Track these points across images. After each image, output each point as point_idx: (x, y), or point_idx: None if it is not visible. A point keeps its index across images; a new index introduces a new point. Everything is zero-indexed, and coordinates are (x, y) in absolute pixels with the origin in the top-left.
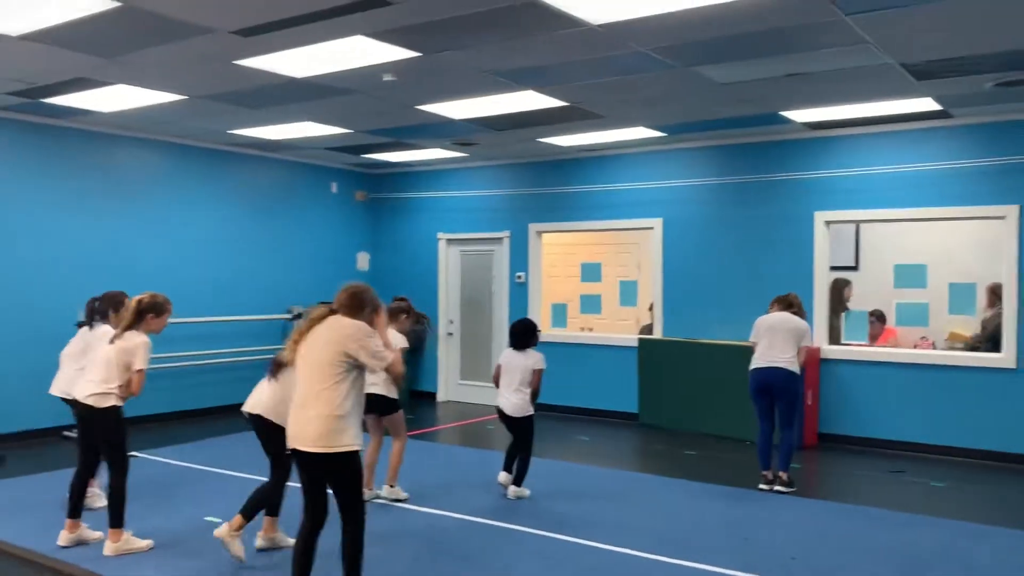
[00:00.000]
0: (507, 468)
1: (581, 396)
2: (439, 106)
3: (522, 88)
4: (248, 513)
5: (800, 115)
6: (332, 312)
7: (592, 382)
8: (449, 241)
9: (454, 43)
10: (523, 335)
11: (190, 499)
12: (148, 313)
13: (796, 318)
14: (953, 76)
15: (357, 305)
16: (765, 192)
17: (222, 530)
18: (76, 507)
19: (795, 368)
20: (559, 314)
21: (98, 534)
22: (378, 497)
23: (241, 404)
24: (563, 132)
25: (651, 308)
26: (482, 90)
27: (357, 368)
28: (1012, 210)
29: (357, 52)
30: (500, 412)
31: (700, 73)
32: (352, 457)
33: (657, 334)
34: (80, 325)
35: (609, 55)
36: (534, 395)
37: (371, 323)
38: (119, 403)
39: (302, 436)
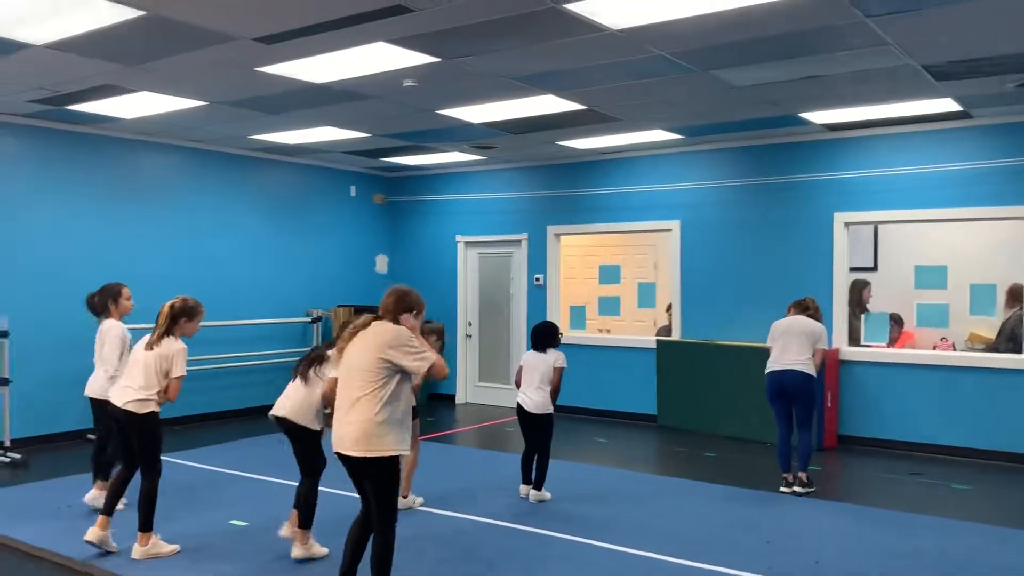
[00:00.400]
0: (527, 480)
1: (599, 398)
2: (458, 110)
3: (541, 92)
4: (305, 522)
5: (819, 116)
6: (377, 318)
7: (610, 384)
8: (468, 243)
9: (475, 48)
10: (545, 337)
11: (214, 503)
12: (181, 317)
13: (811, 321)
14: (974, 77)
15: (402, 308)
16: (784, 193)
17: (296, 552)
18: (112, 505)
19: (810, 370)
20: (578, 316)
21: (116, 547)
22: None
23: (261, 407)
24: (580, 135)
25: (668, 309)
26: (501, 95)
27: (399, 373)
28: None
29: (378, 58)
30: (520, 410)
31: (717, 76)
32: (390, 462)
33: (675, 336)
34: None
35: (628, 59)
36: (554, 393)
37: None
38: (157, 409)
39: (343, 440)
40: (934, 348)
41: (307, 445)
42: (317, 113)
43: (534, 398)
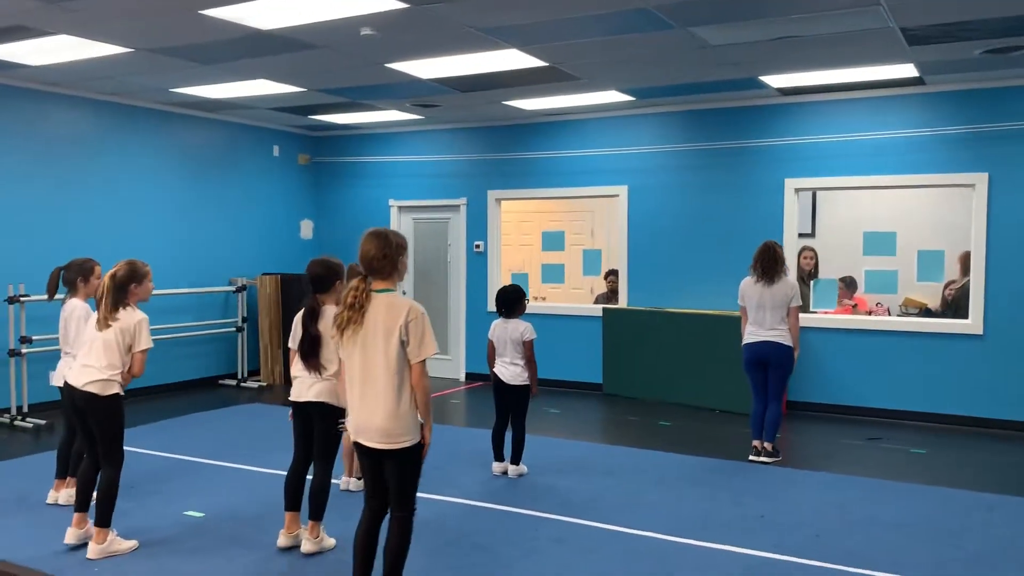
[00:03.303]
0: (499, 457)
1: (544, 367)
2: (410, 64)
3: (505, 46)
4: (318, 513)
5: (776, 80)
6: (363, 278)
7: (555, 353)
8: (401, 208)
9: None
10: (510, 302)
11: (160, 492)
12: (130, 283)
13: (782, 285)
14: (946, 42)
15: (391, 264)
16: (734, 159)
17: (307, 547)
18: (85, 500)
19: (788, 340)
20: (520, 284)
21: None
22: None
23: (184, 383)
24: (531, 95)
25: (606, 277)
26: (463, 47)
27: None
28: (982, 178)
29: (338, 2)
30: (497, 381)
31: (694, 34)
32: (417, 450)
33: (622, 303)
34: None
35: (608, 12)
36: (532, 367)
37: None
38: (121, 391)
39: (367, 431)
40: (869, 313)
41: (330, 423)
42: (255, 64)
43: (511, 369)
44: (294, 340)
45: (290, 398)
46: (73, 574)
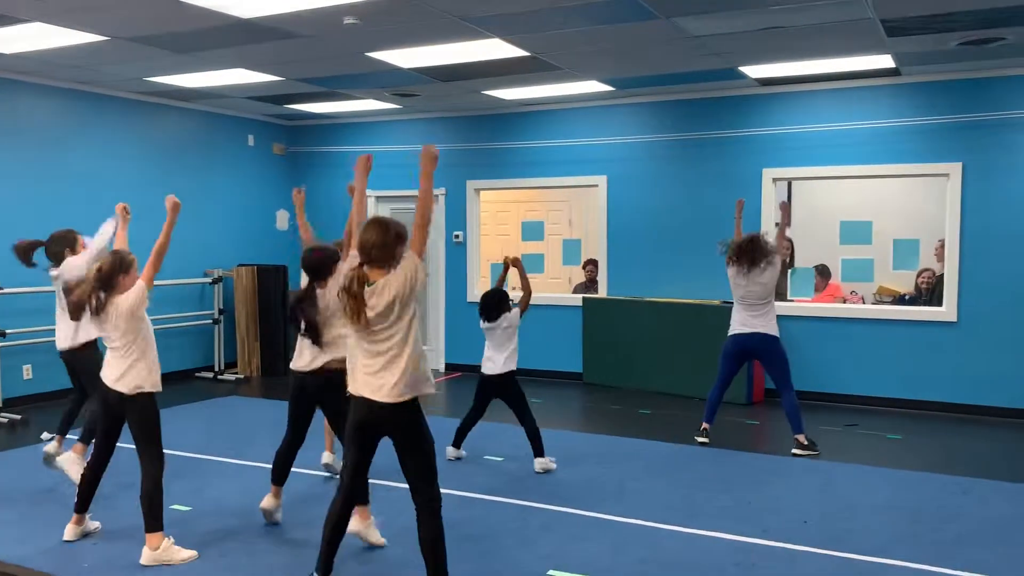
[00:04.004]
0: (457, 444)
1: (524, 357)
2: (392, 53)
3: (489, 36)
4: (364, 499)
5: (756, 71)
6: (360, 266)
7: (536, 342)
8: (379, 198)
9: None
10: (496, 307)
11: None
12: (117, 275)
13: (765, 272)
14: (923, 33)
15: (390, 254)
16: (712, 148)
17: (355, 526)
18: (86, 500)
19: (774, 331)
20: (499, 275)
21: (97, 524)
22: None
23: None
24: (512, 84)
25: (585, 266)
26: (446, 37)
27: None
28: (955, 168)
29: None
30: (485, 380)
31: (678, 24)
32: (426, 433)
33: (602, 293)
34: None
35: (592, 1)
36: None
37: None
38: (152, 389)
39: (381, 389)
40: (844, 301)
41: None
42: (234, 53)
43: (498, 360)
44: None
45: (291, 366)
46: (62, 570)
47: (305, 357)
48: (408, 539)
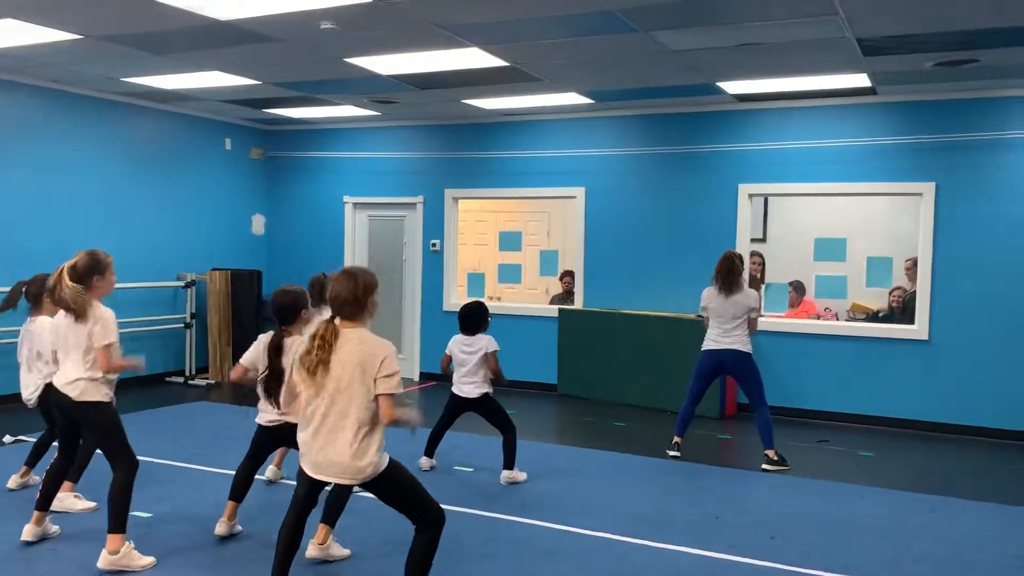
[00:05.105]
0: (430, 452)
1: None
2: (369, 59)
3: (467, 45)
4: (331, 520)
5: (734, 87)
6: (331, 319)
7: (511, 353)
8: (357, 205)
9: None
10: (474, 320)
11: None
12: (92, 276)
13: (745, 296)
14: (900, 53)
15: (360, 307)
16: (690, 163)
17: (312, 551)
18: (48, 498)
19: (747, 347)
20: (476, 284)
21: (56, 528)
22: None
23: (128, 380)
24: (491, 94)
25: (562, 278)
26: (424, 44)
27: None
28: (929, 187)
29: None
30: (458, 399)
31: (656, 38)
32: (390, 473)
33: (578, 304)
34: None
35: (572, 13)
36: (499, 376)
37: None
38: (108, 399)
39: (328, 467)
40: (818, 318)
41: None
42: (211, 55)
43: (470, 386)
44: (251, 364)
45: (256, 420)
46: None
47: (271, 413)
48: (385, 551)
